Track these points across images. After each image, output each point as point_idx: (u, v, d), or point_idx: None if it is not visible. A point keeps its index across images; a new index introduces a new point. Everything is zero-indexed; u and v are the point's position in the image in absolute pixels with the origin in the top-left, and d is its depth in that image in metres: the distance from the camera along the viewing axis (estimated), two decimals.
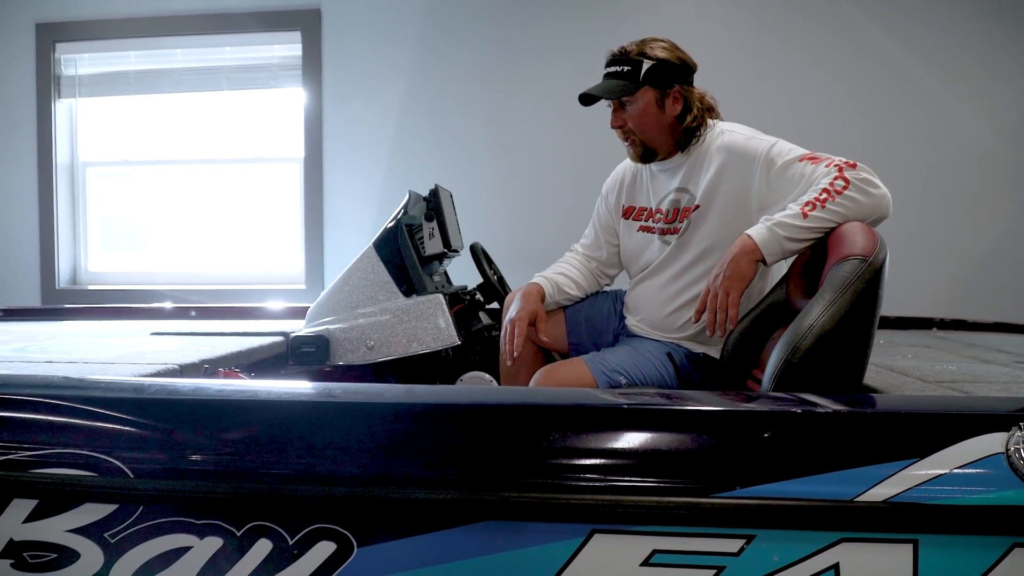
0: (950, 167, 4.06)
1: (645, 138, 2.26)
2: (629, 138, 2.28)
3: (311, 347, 2.48)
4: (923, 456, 1.18)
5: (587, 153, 4.17)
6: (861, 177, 1.88)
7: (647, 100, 2.22)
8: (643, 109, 2.22)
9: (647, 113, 2.22)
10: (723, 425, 1.27)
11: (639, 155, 2.30)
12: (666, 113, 2.23)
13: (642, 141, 2.26)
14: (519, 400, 1.42)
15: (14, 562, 1.28)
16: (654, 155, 2.28)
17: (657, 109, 2.22)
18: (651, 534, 1.19)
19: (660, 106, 2.22)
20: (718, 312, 1.92)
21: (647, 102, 2.22)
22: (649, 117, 2.23)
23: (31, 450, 1.27)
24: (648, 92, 2.21)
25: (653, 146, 2.27)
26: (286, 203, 4.69)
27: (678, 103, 2.23)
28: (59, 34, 4.64)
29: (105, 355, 2.00)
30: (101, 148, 4.86)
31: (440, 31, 4.36)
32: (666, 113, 2.23)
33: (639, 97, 2.21)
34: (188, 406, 1.32)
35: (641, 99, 2.22)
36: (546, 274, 2.49)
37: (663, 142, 2.26)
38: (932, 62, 4.06)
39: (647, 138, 2.25)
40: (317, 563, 1.23)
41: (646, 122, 2.23)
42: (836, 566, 1.17)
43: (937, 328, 3.18)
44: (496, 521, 1.21)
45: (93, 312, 3.32)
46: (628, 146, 2.31)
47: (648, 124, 2.23)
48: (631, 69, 2.20)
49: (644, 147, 2.27)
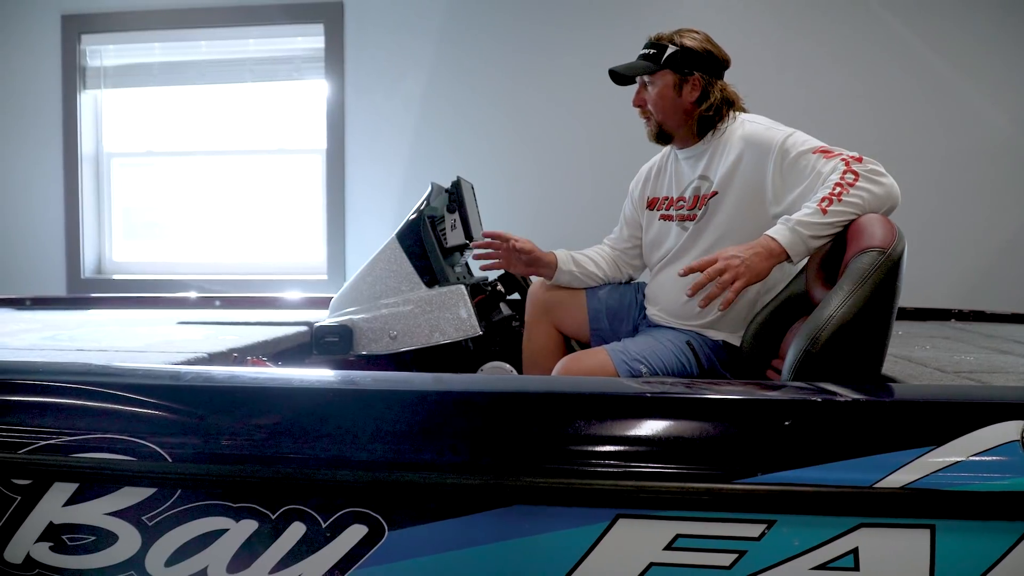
0: (968, 158, 4.06)
1: (660, 119, 2.33)
2: (647, 117, 2.37)
3: (335, 337, 2.52)
4: (940, 444, 1.20)
5: (608, 145, 4.19)
6: (869, 168, 1.92)
7: (665, 83, 2.29)
8: (660, 91, 2.30)
9: (664, 95, 2.30)
10: (745, 413, 1.30)
11: (654, 135, 2.39)
12: (683, 98, 2.29)
13: (657, 122, 2.35)
14: (546, 388, 1.45)
15: (53, 545, 1.33)
16: (668, 138, 2.37)
17: (674, 93, 2.29)
18: (674, 519, 1.22)
19: (677, 90, 2.29)
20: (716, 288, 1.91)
21: (665, 84, 2.29)
22: (665, 100, 2.30)
23: (72, 435, 1.31)
24: (667, 75, 2.29)
25: (667, 128, 2.34)
26: (308, 194, 4.74)
27: (696, 90, 2.28)
28: (85, 26, 4.69)
29: (134, 344, 2.04)
30: (125, 139, 4.92)
31: (462, 23, 4.38)
32: (683, 98, 2.29)
33: (658, 79, 2.30)
34: (224, 393, 1.36)
35: (660, 81, 2.30)
36: (568, 250, 2.55)
37: (677, 126, 2.33)
38: (949, 54, 4.05)
39: (662, 119, 2.33)
40: (349, 546, 1.27)
41: (662, 104, 2.31)
42: (855, 551, 1.20)
43: (955, 319, 3.18)
44: (523, 506, 1.25)
45: (118, 301, 3.37)
46: (645, 124, 2.40)
47: (664, 106, 2.31)
48: (656, 52, 2.30)
49: (659, 128, 2.36)
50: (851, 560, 1.20)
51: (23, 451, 1.31)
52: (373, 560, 1.26)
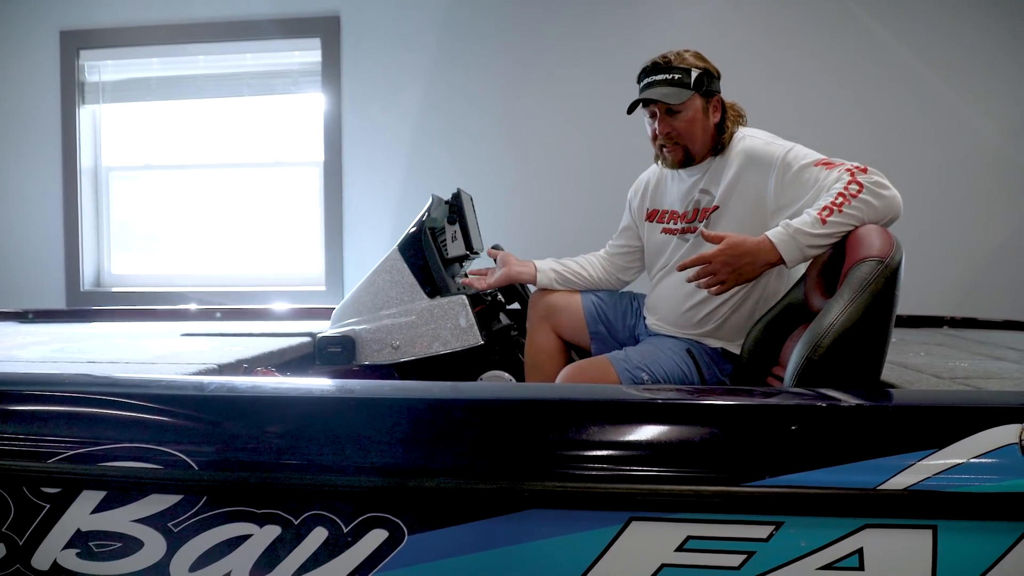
0: (959, 168, 4.11)
1: (690, 145, 2.29)
2: (673, 144, 2.31)
3: (337, 347, 2.55)
4: (940, 447, 1.25)
5: (605, 156, 4.23)
6: (873, 180, 1.93)
7: (696, 107, 2.27)
8: (692, 116, 2.27)
9: (695, 120, 2.27)
10: (752, 418, 1.34)
11: (679, 161, 2.32)
12: (709, 121, 2.29)
13: (685, 147, 2.30)
14: (560, 396, 1.50)
15: (79, 551, 1.36)
16: (692, 161, 2.32)
17: (703, 116, 2.28)
18: (685, 521, 1.26)
19: (706, 113, 2.28)
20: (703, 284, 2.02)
21: (696, 109, 2.27)
22: (696, 124, 2.27)
23: (100, 445, 1.34)
24: (697, 99, 2.27)
25: (694, 152, 2.30)
26: (306, 206, 4.76)
27: (717, 112, 2.30)
28: (83, 41, 4.72)
29: (143, 356, 2.07)
30: (124, 153, 4.94)
31: (458, 36, 4.42)
32: (709, 121, 2.29)
33: (689, 104, 2.26)
34: (247, 403, 1.40)
35: (691, 106, 2.26)
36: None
37: (702, 148, 2.31)
38: (940, 65, 4.11)
39: (691, 145, 2.29)
40: (370, 550, 1.30)
41: (693, 129, 2.27)
42: (860, 551, 1.24)
43: (948, 326, 3.23)
44: (539, 509, 1.28)
45: (119, 314, 3.40)
46: (667, 153, 2.33)
47: (695, 131, 2.27)
48: (681, 77, 2.25)
49: (686, 153, 2.31)
50: (856, 560, 1.24)
51: (52, 460, 1.34)
52: (393, 564, 1.30)
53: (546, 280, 2.56)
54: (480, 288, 2.59)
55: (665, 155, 2.35)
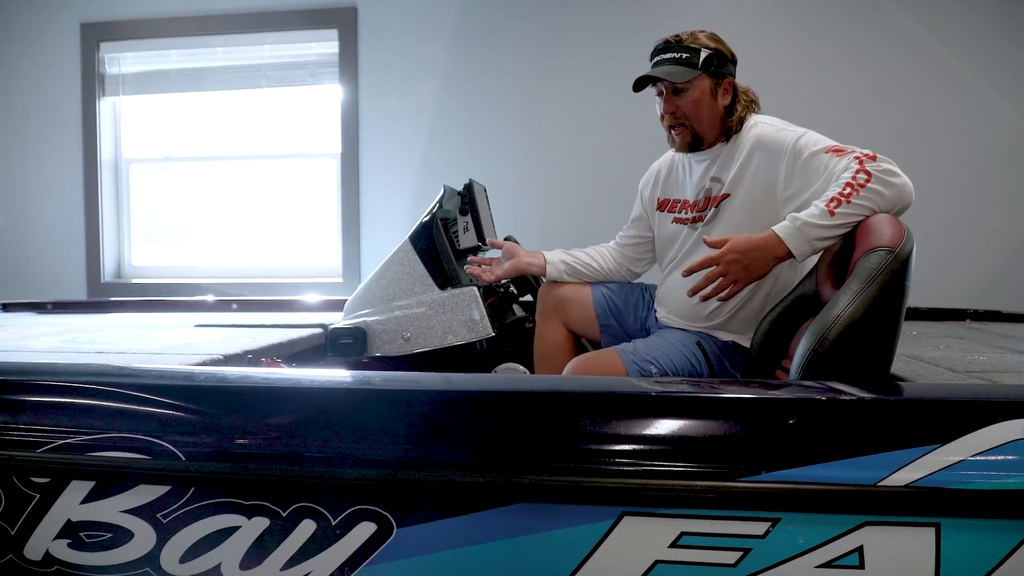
0: (982, 158, 4.05)
1: (696, 126, 2.26)
2: (680, 126, 2.28)
3: (349, 339, 2.54)
4: (945, 442, 1.20)
5: (620, 147, 4.20)
6: (882, 168, 1.88)
7: (703, 88, 2.23)
8: (698, 97, 2.23)
9: (702, 101, 2.23)
10: (749, 411, 1.30)
11: (687, 144, 2.29)
12: (717, 103, 2.25)
13: (693, 129, 2.26)
14: (551, 388, 1.46)
15: (70, 542, 1.35)
16: (701, 144, 2.28)
17: (711, 98, 2.24)
18: (679, 517, 1.23)
19: (713, 95, 2.24)
20: (712, 291, 1.96)
21: (703, 90, 2.23)
22: (703, 105, 2.23)
23: (88, 434, 1.33)
24: (704, 80, 2.23)
25: (702, 135, 2.27)
26: (323, 198, 4.78)
27: (728, 94, 2.26)
28: (103, 33, 4.75)
29: (152, 346, 2.07)
30: (144, 145, 4.98)
31: (474, 27, 4.41)
32: (717, 103, 2.25)
33: (696, 84, 2.23)
34: (237, 393, 1.39)
35: (697, 86, 2.23)
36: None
37: (711, 131, 2.27)
38: (963, 52, 4.04)
39: (698, 126, 2.26)
40: (358, 543, 1.28)
41: (700, 110, 2.24)
42: (860, 549, 1.20)
43: (970, 319, 3.16)
44: (530, 503, 1.26)
45: (138, 305, 3.41)
46: (676, 135, 2.30)
47: (702, 112, 2.24)
48: (689, 56, 2.22)
49: (693, 135, 2.27)
50: (856, 558, 1.20)
51: (42, 450, 1.33)
52: (382, 557, 1.28)
53: (556, 272, 2.53)
54: (489, 280, 2.56)
55: (674, 136, 2.31)
